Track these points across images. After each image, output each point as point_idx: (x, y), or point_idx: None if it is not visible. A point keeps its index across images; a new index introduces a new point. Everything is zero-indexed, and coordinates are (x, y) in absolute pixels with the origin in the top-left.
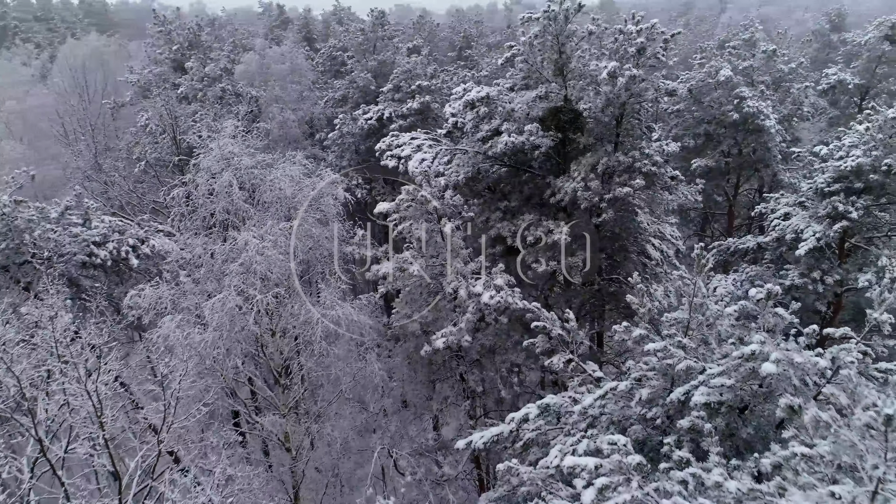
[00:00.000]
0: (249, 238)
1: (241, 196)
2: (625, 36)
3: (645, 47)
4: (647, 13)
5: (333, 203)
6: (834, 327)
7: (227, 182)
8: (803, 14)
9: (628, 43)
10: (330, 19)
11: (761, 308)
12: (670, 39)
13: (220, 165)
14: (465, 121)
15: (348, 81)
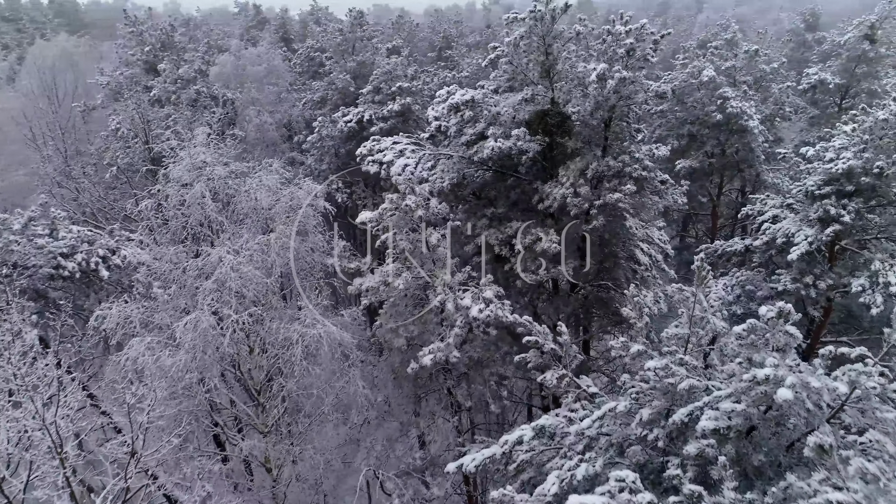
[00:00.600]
0: (223, 253)
1: (214, 208)
2: (613, 37)
3: (634, 48)
4: (623, 13)
5: (313, 214)
6: (825, 331)
7: (200, 193)
8: (778, 13)
9: (617, 44)
10: (307, 19)
11: (771, 326)
12: (660, 40)
13: (192, 175)
14: (449, 125)
15: (327, 83)
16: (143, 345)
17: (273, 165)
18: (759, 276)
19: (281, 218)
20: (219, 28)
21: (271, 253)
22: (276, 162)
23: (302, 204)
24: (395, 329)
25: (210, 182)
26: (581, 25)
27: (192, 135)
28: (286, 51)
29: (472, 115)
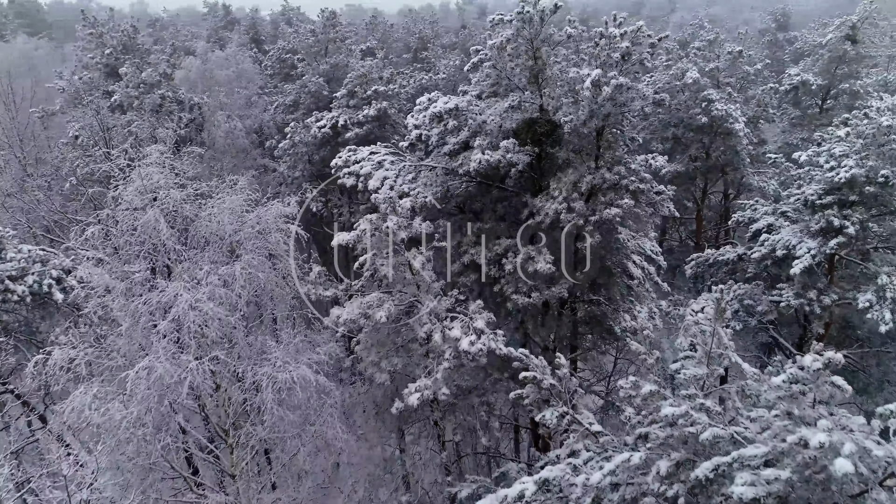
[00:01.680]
0: (181, 290)
1: (170, 235)
2: (607, 40)
3: (630, 52)
4: (596, 12)
5: (284, 239)
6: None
7: (153, 220)
8: (750, 13)
9: (611, 48)
10: (279, 20)
11: (815, 378)
12: (657, 44)
13: (144, 200)
14: (431, 134)
15: (299, 86)
16: (90, 395)
17: (238, 183)
18: (757, 290)
19: (247, 245)
20: (187, 29)
21: (236, 286)
22: (242, 179)
23: (271, 227)
24: (376, 362)
25: (165, 207)
26: (571, 27)
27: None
28: (257, 52)
29: (457, 124)
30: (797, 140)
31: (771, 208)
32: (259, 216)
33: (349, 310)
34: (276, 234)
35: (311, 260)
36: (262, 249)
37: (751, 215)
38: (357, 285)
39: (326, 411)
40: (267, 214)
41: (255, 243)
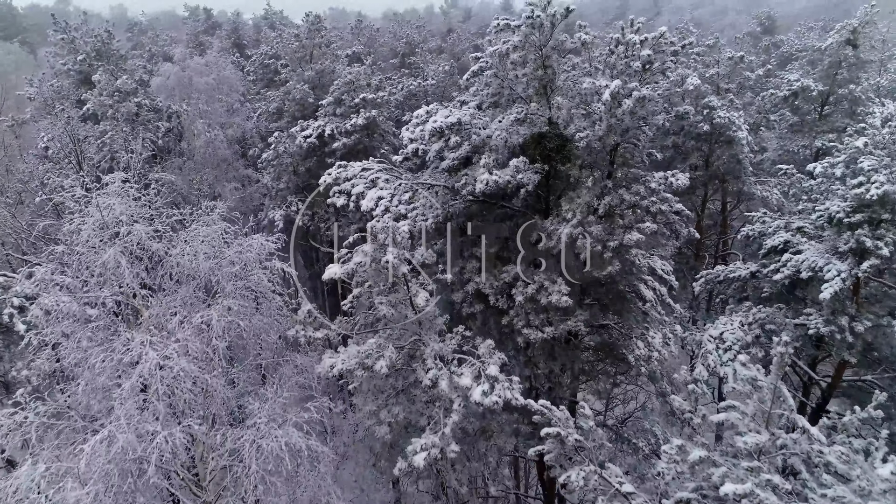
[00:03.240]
0: (147, 345)
1: (134, 277)
2: (626, 48)
3: (651, 61)
4: (580, 16)
5: (269, 277)
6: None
7: (114, 261)
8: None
9: (631, 56)
10: (261, 24)
11: None
12: (680, 51)
13: (104, 237)
14: (430, 149)
15: (283, 93)
16: (38, 470)
17: (215, 211)
18: (779, 313)
19: (227, 285)
20: (166, 34)
21: (212, 335)
22: (218, 206)
23: (253, 266)
24: (374, 412)
25: (128, 244)
26: (584, 33)
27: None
28: (239, 57)
29: (459, 140)
30: (797, 147)
31: (783, 222)
32: (239, 253)
33: (345, 358)
34: (259, 274)
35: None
36: (244, 290)
37: (761, 229)
38: (352, 321)
39: (319, 475)
40: (248, 251)
41: (236, 284)
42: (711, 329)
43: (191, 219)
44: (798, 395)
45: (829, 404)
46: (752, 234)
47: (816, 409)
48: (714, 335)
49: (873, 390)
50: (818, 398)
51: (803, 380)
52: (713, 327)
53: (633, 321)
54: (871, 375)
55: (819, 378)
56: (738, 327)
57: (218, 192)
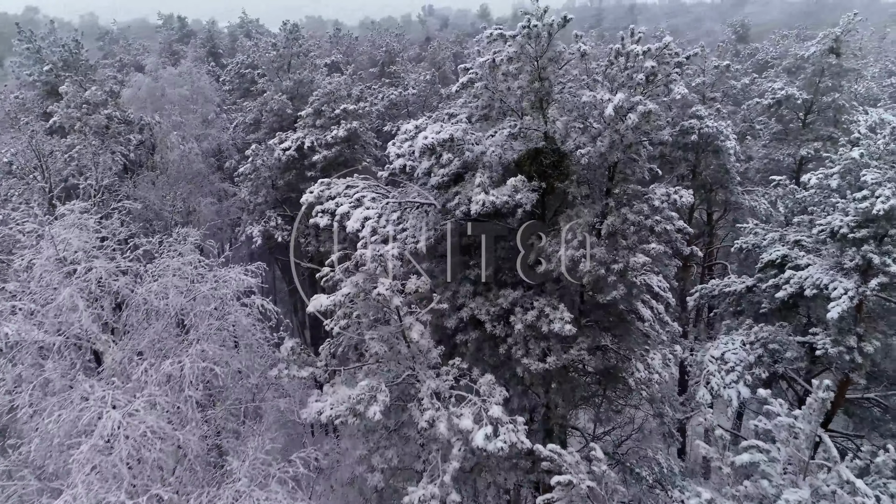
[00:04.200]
0: (108, 401)
1: (95, 318)
2: (628, 59)
3: (655, 73)
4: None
5: (245, 316)
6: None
7: (71, 302)
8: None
9: (634, 68)
10: (237, 32)
11: None
12: (685, 62)
13: (59, 274)
14: (420, 166)
15: (260, 104)
16: None
17: (188, 240)
18: (781, 332)
19: (201, 325)
20: (139, 42)
21: (185, 383)
22: (190, 235)
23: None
24: (366, 457)
25: (87, 282)
26: (583, 43)
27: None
28: (214, 66)
29: (451, 157)
30: (782, 156)
31: (778, 235)
32: (215, 289)
33: (333, 402)
34: (237, 313)
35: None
36: (221, 331)
37: (755, 241)
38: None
39: None
40: (224, 286)
41: (212, 324)
42: (712, 349)
43: (161, 249)
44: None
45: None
46: (746, 246)
47: None
48: (716, 355)
49: (872, 406)
50: None
51: (799, 394)
52: (714, 347)
53: (633, 343)
54: (875, 393)
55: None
56: (741, 347)
57: (193, 206)
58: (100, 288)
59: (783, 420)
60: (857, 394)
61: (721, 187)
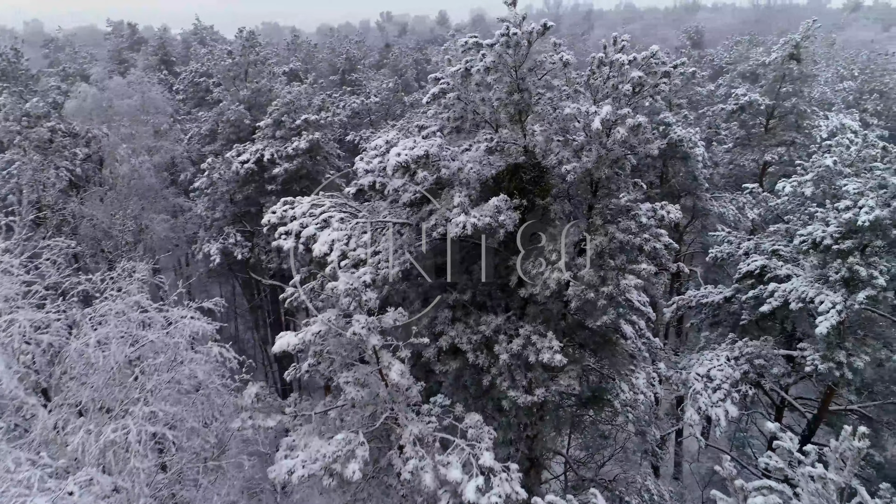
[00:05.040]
0: (34, 483)
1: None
2: (609, 68)
3: (643, 83)
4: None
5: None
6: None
7: None
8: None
9: (619, 78)
10: (191, 39)
11: None
12: (672, 72)
13: None
14: (392, 185)
15: (216, 114)
16: None
17: (134, 277)
18: (766, 346)
19: (148, 382)
20: (86, 50)
21: (131, 453)
22: (140, 267)
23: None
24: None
25: (10, 337)
26: (564, 52)
27: None
28: (167, 74)
29: (426, 175)
30: (746, 161)
31: (753, 244)
32: (167, 334)
33: (305, 458)
34: (193, 365)
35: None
36: (174, 383)
37: (729, 250)
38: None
39: None
40: (176, 335)
41: (162, 376)
42: (697, 366)
43: (103, 286)
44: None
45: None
46: (721, 255)
47: (802, 440)
48: (701, 373)
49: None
50: (803, 429)
51: (776, 403)
52: (699, 364)
53: (619, 364)
54: (858, 405)
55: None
56: (726, 363)
57: (145, 224)
58: (26, 342)
59: (812, 471)
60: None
61: (689, 194)
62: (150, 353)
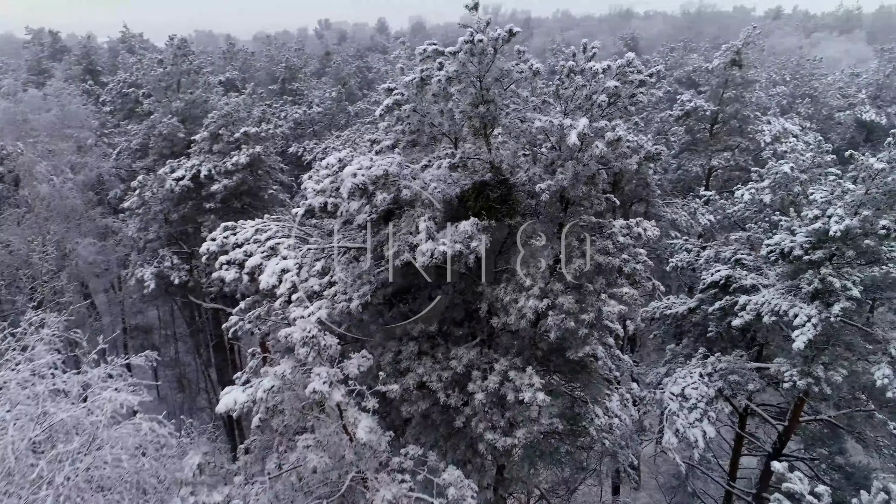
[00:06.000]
0: None
1: None
2: (586, 77)
3: (619, 93)
4: (448, 36)
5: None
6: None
7: None
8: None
9: (593, 88)
10: (118, 48)
11: None
12: (647, 81)
13: None
14: (346, 206)
15: (147, 127)
16: None
17: (44, 333)
18: (741, 361)
19: (58, 476)
20: (2, 60)
21: None
22: (51, 320)
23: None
24: None
25: None
26: (532, 61)
27: None
28: (93, 85)
29: (386, 196)
30: (693, 166)
31: (713, 252)
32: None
33: None
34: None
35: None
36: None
37: (689, 259)
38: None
39: None
40: (95, 411)
41: (78, 467)
42: (671, 385)
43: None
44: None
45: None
46: (681, 265)
47: (773, 453)
48: (675, 392)
49: None
50: (774, 441)
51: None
52: (672, 383)
53: (595, 390)
54: (828, 415)
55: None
56: (700, 380)
57: (69, 248)
58: None
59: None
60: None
61: (640, 200)
62: (61, 432)
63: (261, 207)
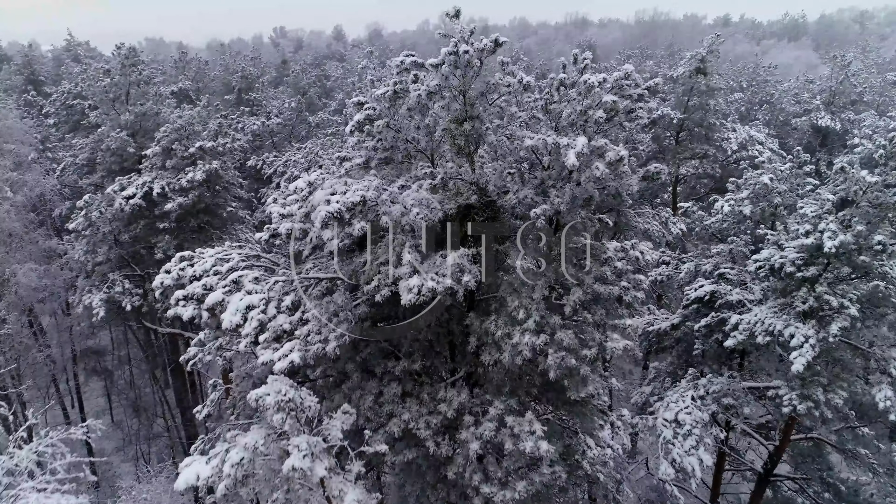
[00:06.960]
0: None
1: None
2: (580, 91)
3: (616, 109)
4: (414, 46)
5: None
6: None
7: None
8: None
9: (589, 102)
10: (63, 57)
11: None
12: (645, 94)
13: None
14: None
15: (94, 141)
16: None
17: None
18: (734, 382)
19: None
20: None
21: None
22: None
23: None
24: None
25: None
26: (520, 72)
27: None
28: (35, 95)
29: (364, 225)
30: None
31: (693, 265)
32: None
33: None
34: None
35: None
36: None
37: (668, 272)
38: None
39: None
40: None
41: None
42: (664, 411)
43: None
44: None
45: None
46: (661, 278)
47: (764, 474)
48: (669, 418)
49: None
50: (765, 462)
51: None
52: (664, 408)
53: (588, 422)
54: (818, 434)
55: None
56: (692, 404)
57: (8, 275)
58: None
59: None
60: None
61: (611, 210)
62: None
63: (219, 226)
